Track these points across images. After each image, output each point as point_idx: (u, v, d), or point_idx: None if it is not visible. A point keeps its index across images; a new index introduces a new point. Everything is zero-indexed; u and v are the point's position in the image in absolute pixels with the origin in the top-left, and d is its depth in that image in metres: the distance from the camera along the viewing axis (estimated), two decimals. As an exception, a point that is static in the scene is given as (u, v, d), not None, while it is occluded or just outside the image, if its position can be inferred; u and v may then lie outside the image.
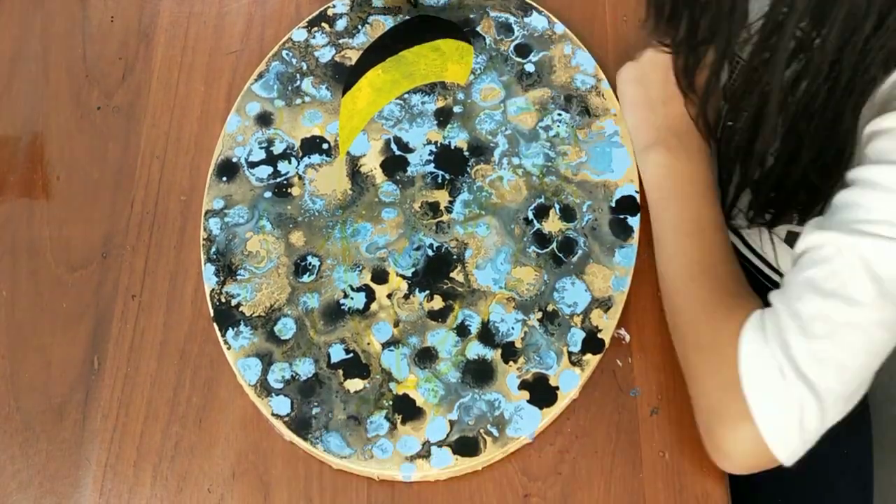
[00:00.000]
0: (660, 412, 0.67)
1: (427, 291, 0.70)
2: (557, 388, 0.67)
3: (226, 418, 0.69)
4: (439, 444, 0.66)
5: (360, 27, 0.80)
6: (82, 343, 0.72)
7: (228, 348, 0.69)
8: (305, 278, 0.71)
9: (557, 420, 0.67)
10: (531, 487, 0.66)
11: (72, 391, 0.71)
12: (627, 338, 0.70)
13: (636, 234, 0.72)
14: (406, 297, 0.70)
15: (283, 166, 0.75)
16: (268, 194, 0.74)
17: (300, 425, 0.67)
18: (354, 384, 0.68)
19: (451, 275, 0.71)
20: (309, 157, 0.75)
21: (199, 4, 0.84)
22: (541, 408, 0.67)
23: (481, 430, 0.66)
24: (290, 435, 0.67)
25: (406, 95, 0.77)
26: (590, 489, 0.66)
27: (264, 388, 0.68)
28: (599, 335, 0.68)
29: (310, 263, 0.72)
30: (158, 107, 0.80)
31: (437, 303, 0.70)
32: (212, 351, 0.71)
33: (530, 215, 0.73)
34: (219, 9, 0.84)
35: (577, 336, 0.68)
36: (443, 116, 0.76)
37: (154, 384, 0.70)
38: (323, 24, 0.80)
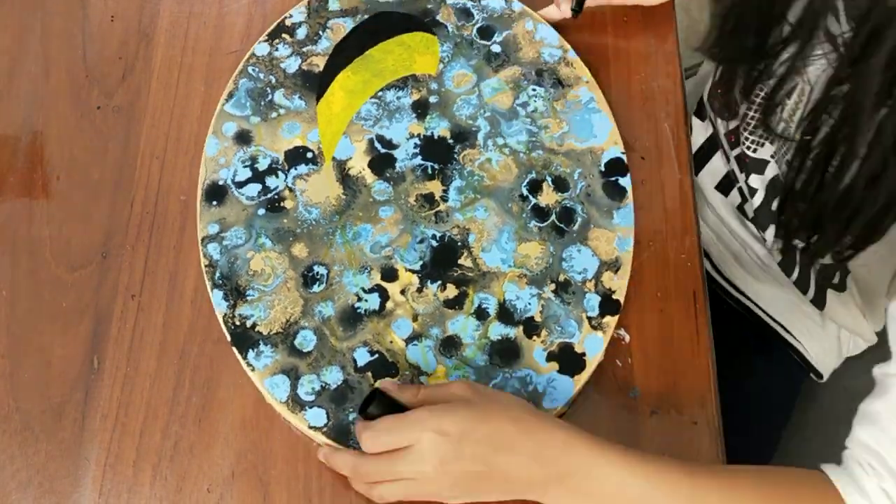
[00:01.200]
0: (660, 413, 0.68)
1: (439, 282, 0.71)
2: (584, 354, 0.68)
3: (225, 418, 0.69)
4: (481, 428, 0.66)
5: (321, 33, 0.80)
6: (82, 343, 0.71)
7: (252, 370, 0.68)
8: (316, 288, 0.71)
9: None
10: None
11: (71, 391, 0.70)
12: (627, 338, 0.71)
13: (630, 193, 0.73)
14: (419, 290, 0.71)
15: (271, 181, 0.75)
16: (261, 211, 0.73)
17: (339, 434, 0.66)
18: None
19: (459, 261, 0.72)
20: (296, 169, 0.75)
21: (199, 4, 0.83)
22: (572, 376, 0.68)
23: (519, 407, 0.67)
24: (331, 444, 0.67)
25: (380, 93, 0.77)
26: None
27: (297, 403, 0.67)
28: (614, 296, 0.70)
29: (318, 273, 0.71)
30: (158, 107, 0.79)
31: (451, 291, 0.71)
32: (211, 350, 0.71)
33: (525, 191, 0.74)
34: (219, 9, 0.83)
35: (592, 301, 0.70)
36: (420, 108, 0.77)
37: (154, 384, 0.70)
38: (283, 35, 0.80)
